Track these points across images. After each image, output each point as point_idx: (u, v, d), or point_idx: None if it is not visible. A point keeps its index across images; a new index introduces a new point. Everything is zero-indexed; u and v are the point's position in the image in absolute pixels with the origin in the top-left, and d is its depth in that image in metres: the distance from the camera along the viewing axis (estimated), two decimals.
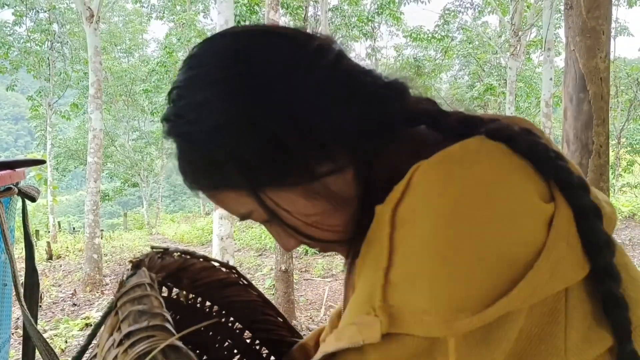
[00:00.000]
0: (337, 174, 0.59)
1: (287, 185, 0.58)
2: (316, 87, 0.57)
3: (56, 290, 8.15)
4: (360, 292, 0.52)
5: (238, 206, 0.62)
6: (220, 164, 0.57)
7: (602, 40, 2.31)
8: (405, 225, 0.50)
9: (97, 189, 8.27)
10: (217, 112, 0.56)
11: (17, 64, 17.58)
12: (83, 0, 8.28)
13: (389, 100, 0.60)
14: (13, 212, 1.53)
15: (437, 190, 0.49)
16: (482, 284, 0.46)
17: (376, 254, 0.51)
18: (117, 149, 21.80)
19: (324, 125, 0.57)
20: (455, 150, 0.51)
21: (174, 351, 0.49)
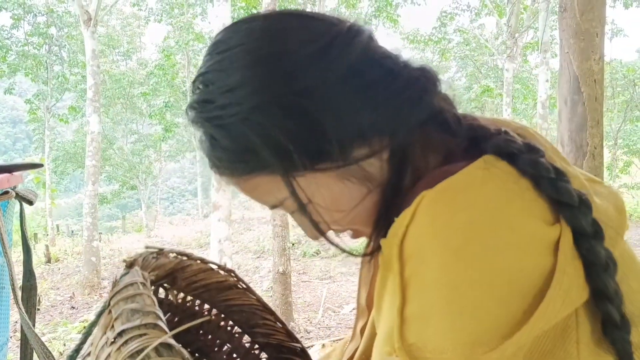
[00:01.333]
0: (373, 157, 0.58)
1: (321, 170, 0.57)
2: (351, 68, 0.56)
3: (54, 293, 8.14)
4: (381, 331, 0.52)
5: (271, 194, 0.60)
6: (255, 147, 0.56)
7: (596, 42, 2.32)
8: (414, 260, 0.49)
9: (95, 192, 8.26)
10: (250, 95, 0.55)
11: (15, 67, 17.51)
12: (81, 4, 8.28)
13: (424, 89, 0.59)
14: (11, 215, 1.53)
15: (442, 223, 0.48)
16: (496, 317, 0.46)
17: (391, 291, 0.50)
18: (116, 151, 21.75)
19: (360, 109, 0.56)
20: (459, 180, 0.51)
21: (166, 349, 0.49)
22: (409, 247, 0.49)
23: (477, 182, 0.51)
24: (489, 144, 0.55)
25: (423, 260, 0.48)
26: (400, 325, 0.48)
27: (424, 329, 0.47)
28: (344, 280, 7.90)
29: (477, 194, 0.50)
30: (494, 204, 0.49)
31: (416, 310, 0.48)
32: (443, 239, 0.47)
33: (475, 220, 0.48)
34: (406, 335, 0.47)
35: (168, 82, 19.56)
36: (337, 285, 7.65)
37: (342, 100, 0.55)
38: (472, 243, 0.47)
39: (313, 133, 0.55)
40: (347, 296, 7.04)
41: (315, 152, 0.56)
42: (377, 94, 0.56)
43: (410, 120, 0.58)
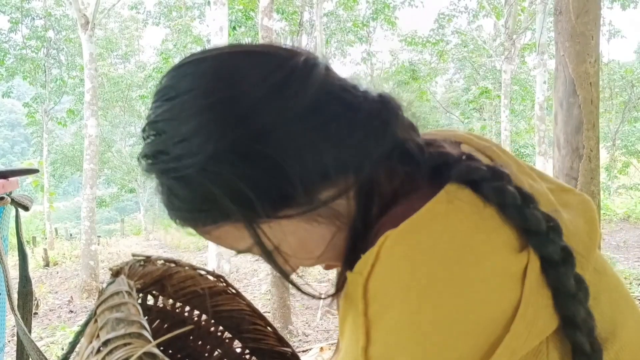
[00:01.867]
0: (340, 197, 0.56)
1: (287, 216, 0.55)
2: (309, 106, 0.53)
3: (53, 297, 8.13)
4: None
5: (237, 242, 0.59)
6: (215, 198, 0.53)
7: (591, 45, 2.32)
8: (378, 301, 0.48)
9: (93, 196, 8.26)
10: (204, 144, 0.52)
11: (13, 70, 17.57)
12: (78, 7, 8.29)
13: (387, 120, 0.57)
14: (7, 221, 1.53)
15: (406, 265, 0.48)
16: (462, 354, 0.46)
17: (355, 328, 0.50)
18: (114, 154, 21.78)
19: (321, 147, 0.53)
20: (421, 218, 0.50)
21: (150, 358, 0.49)
22: (373, 287, 0.49)
23: (439, 218, 0.50)
24: (452, 172, 0.54)
25: (387, 302, 0.48)
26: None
27: None
28: None
29: (440, 232, 0.49)
30: (457, 240, 0.48)
31: (380, 351, 0.47)
32: (406, 281, 0.47)
33: (438, 259, 0.47)
34: None
35: None
36: None
37: (302, 140, 0.53)
38: (435, 283, 0.46)
39: (274, 178, 0.53)
40: None
41: (279, 198, 0.54)
42: (338, 131, 0.54)
43: (375, 154, 0.55)
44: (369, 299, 0.49)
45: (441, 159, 0.57)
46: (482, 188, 0.52)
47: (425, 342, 0.46)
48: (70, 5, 8.42)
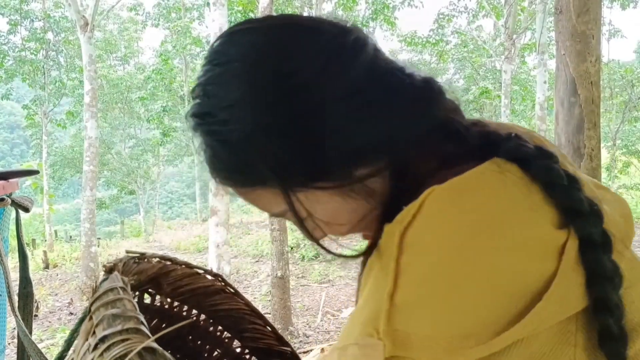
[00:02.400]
0: (376, 175, 0.57)
1: (322, 188, 0.57)
2: (355, 85, 0.55)
3: (53, 299, 8.12)
4: (364, 310, 0.51)
5: (272, 206, 0.61)
6: (254, 164, 0.56)
7: (592, 44, 2.32)
8: (414, 249, 0.49)
9: (93, 197, 8.26)
10: (251, 113, 0.55)
11: (12, 72, 17.55)
12: (77, 9, 8.29)
13: (429, 104, 0.58)
14: (7, 222, 1.53)
15: (448, 218, 0.48)
16: (489, 314, 0.46)
17: (383, 275, 0.50)
18: (114, 156, 21.77)
19: (363, 126, 0.55)
20: (469, 178, 0.51)
21: (150, 353, 0.49)
22: (411, 236, 0.49)
23: (487, 182, 0.51)
24: (501, 148, 0.55)
25: (423, 251, 0.48)
26: (389, 308, 0.48)
27: (414, 317, 0.47)
28: (343, 284, 7.89)
29: (487, 195, 0.50)
30: (502, 204, 0.49)
31: (409, 298, 0.48)
32: (447, 234, 0.48)
33: (481, 218, 0.48)
34: (394, 321, 0.47)
35: (166, 87, 19.61)
36: (336, 289, 7.64)
37: (345, 118, 0.54)
38: (475, 240, 0.47)
39: (314, 152, 0.55)
40: (346, 300, 7.03)
41: (316, 171, 0.56)
42: (381, 112, 0.55)
43: (415, 135, 0.57)
44: (404, 246, 0.49)
45: (488, 137, 0.58)
46: (529, 166, 0.53)
47: (453, 295, 0.46)
48: (69, 6, 8.41)
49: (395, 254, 0.49)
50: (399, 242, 0.50)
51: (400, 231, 0.50)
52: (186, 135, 20.72)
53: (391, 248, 0.50)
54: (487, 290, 0.46)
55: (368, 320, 0.49)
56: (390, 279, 0.49)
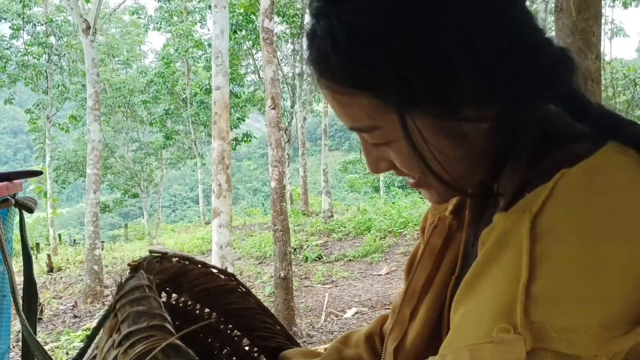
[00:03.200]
0: (477, 122, 0.56)
1: (431, 114, 0.54)
2: (505, 27, 0.54)
3: (57, 302, 8.13)
4: (490, 304, 0.48)
5: (366, 116, 0.57)
6: (379, 68, 0.53)
7: (592, 41, 2.32)
8: (550, 237, 0.47)
9: (96, 200, 8.27)
10: (399, 11, 0.52)
11: (14, 77, 17.60)
12: (79, 13, 8.31)
13: (560, 72, 0.57)
14: (11, 223, 1.54)
15: (584, 204, 0.47)
16: (628, 302, 0.44)
17: (512, 265, 0.48)
18: (117, 160, 21.79)
19: (497, 72, 0.53)
20: (600, 162, 0.49)
21: (174, 350, 0.49)
22: (545, 223, 0.47)
23: (617, 166, 0.49)
24: (626, 132, 0.53)
25: (559, 238, 0.46)
26: (524, 301, 0.45)
27: (554, 308, 0.45)
28: (346, 284, 7.89)
29: (618, 178, 0.48)
30: (634, 190, 0.48)
31: (547, 288, 0.46)
32: (584, 219, 0.46)
33: (615, 204, 0.47)
34: (531, 313, 0.45)
35: (168, 90, 19.64)
36: (339, 289, 7.64)
37: (483, 56, 0.52)
38: (611, 226, 0.46)
39: (445, 76, 0.52)
40: (349, 300, 7.02)
41: (434, 96, 0.53)
42: (518, 63, 0.54)
43: (541, 95, 0.56)
44: (537, 235, 0.47)
45: (613, 119, 0.56)
46: None
47: (593, 283, 0.44)
48: (71, 10, 8.44)
49: (527, 242, 0.47)
50: (530, 230, 0.48)
51: (530, 219, 0.48)
52: (188, 138, 20.75)
53: (520, 237, 0.48)
54: (624, 277, 0.45)
55: (499, 315, 0.47)
56: (523, 268, 0.46)
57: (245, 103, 19.28)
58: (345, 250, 10.16)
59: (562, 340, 0.44)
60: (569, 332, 0.44)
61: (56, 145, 20.89)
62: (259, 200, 39.54)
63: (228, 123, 5.74)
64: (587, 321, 0.44)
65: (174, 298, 0.83)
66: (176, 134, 20.55)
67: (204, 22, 20.97)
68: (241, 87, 19.17)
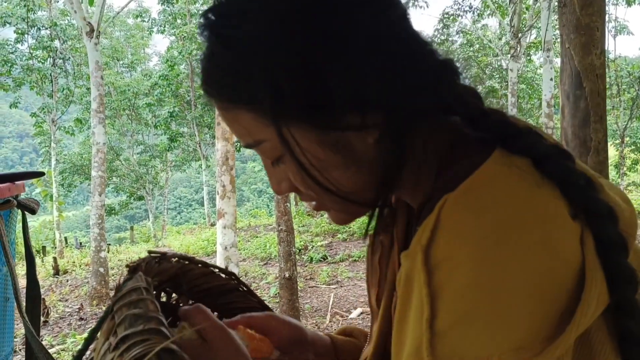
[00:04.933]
0: (361, 132, 0.55)
1: (309, 125, 0.54)
2: (378, 35, 0.53)
3: (63, 305, 8.16)
4: (406, 346, 0.48)
5: (250, 131, 0.57)
6: (252, 78, 0.53)
7: (596, 36, 2.31)
8: (444, 267, 0.46)
9: (101, 203, 8.30)
10: (266, 25, 0.53)
11: (19, 81, 17.70)
12: (83, 16, 8.34)
13: (442, 78, 0.56)
14: (13, 225, 1.54)
15: (471, 226, 0.46)
16: (535, 320, 0.43)
17: (417, 303, 0.47)
18: (122, 162, 21.88)
19: (372, 77, 0.52)
20: (481, 180, 0.49)
21: (169, 354, 0.49)
22: (437, 254, 0.46)
23: (499, 179, 0.49)
24: (517, 142, 0.53)
25: (454, 267, 0.45)
26: (430, 339, 0.44)
27: (461, 340, 0.44)
28: (352, 284, 7.88)
29: (501, 193, 0.47)
30: (519, 201, 0.47)
31: (450, 320, 0.44)
32: (474, 243, 0.45)
33: (504, 219, 0.45)
34: (438, 349, 0.44)
35: (172, 92, 19.70)
36: (345, 289, 7.63)
37: (357, 62, 0.52)
38: (503, 244, 0.44)
39: (316, 83, 0.52)
40: (354, 301, 7.02)
41: (309, 105, 0.53)
42: (394, 68, 0.53)
43: (418, 104, 0.54)
44: (432, 267, 0.46)
45: (506, 128, 0.55)
46: (545, 164, 0.50)
47: (495, 306, 0.43)
48: (74, 13, 8.47)
49: (423, 277, 0.46)
50: (424, 263, 0.46)
51: (422, 251, 0.47)
52: (193, 141, 20.81)
53: (418, 272, 0.47)
54: (525, 294, 0.43)
55: (410, 357, 0.46)
56: (425, 304, 0.45)
57: None
58: (350, 250, 10.15)
59: None
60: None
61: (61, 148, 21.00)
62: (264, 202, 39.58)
63: None
64: (499, 347, 0.42)
65: (174, 298, 0.83)
66: (181, 136, 20.60)
67: None
68: None
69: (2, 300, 1.50)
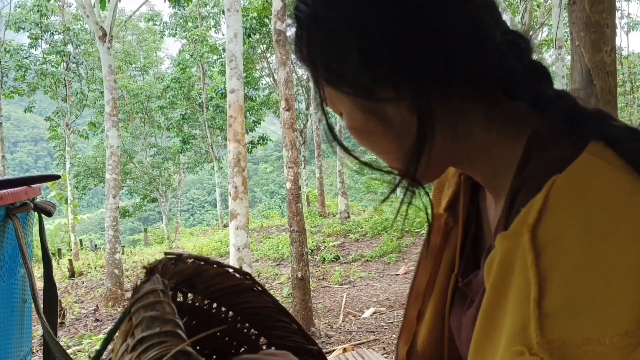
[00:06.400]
0: (393, 103, 0.57)
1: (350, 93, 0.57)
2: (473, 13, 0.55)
3: (79, 306, 8.24)
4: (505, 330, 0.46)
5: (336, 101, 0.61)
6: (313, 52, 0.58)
7: (606, 34, 2.29)
8: (554, 247, 0.45)
9: (116, 205, 8.37)
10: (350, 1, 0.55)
11: (34, 86, 17.91)
12: (95, 20, 8.43)
13: (510, 55, 0.57)
14: (30, 227, 1.56)
15: (582, 209, 0.45)
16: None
17: (520, 284, 0.46)
18: (136, 165, 22.06)
19: (411, 52, 0.54)
20: (587, 166, 0.48)
21: (184, 356, 0.50)
22: (545, 234, 0.46)
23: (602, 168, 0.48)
24: (593, 127, 0.53)
25: (564, 248, 0.45)
26: (538, 318, 0.43)
27: (572, 321, 0.43)
28: (364, 284, 7.88)
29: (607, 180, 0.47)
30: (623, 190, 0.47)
31: (561, 300, 0.43)
32: (584, 225, 0.45)
33: (611, 206, 0.45)
34: (547, 329, 0.43)
35: (184, 95, 19.83)
36: (357, 289, 7.63)
37: (393, 36, 0.54)
38: (613, 228, 0.44)
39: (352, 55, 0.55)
40: (367, 300, 7.02)
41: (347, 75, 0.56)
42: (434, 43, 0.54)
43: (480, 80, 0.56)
44: (540, 247, 0.45)
45: (575, 112, 0.55)
46: (619, 146, 0.50)
47: (610, 286, 0.42)
48: (87, 18, 8.56)
49: (531, 256, 0.45)
50: (531, 243, 0.46)
51: (530, 231, 0.46)
52: (205, 142, 20.91)
53: (523, 253, 0.46)
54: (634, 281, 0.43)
55: (513, 338, 0.45)
56: (533, 285, 0.44)
57: (261, 106, 19.38)
58: (362, 250, 10.15)
59: (587, 354, 0.42)
60: (593, 344, 0.42)
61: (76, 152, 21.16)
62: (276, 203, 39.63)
63: (243, 125, 5.77)
64: (610, 330, 0.42)
65: (190, 298, 0.84)
66: (193, 138, 20.73)
67: (218, 27, 21.12)
68: (256, 90, 19.27)
69: (20, 302, 1.53)
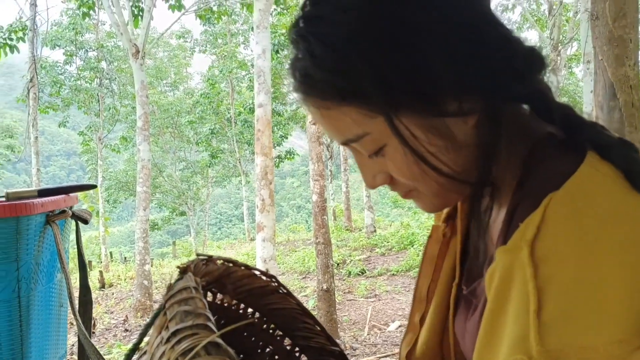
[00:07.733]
0: (460, 117, 0.57)
1: (416, 112, 0.56)
2: (471, 19, 0.56)
3: (109, 317, 8.35)
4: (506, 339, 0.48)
5: (352, 127, 0.59)
6: (357, 73, 0.55)
7: (630, 48, 2.29)
8: (552, 260, 0.48)
9: (146, 217, 8.50)
10: (366, 19, 0.55)
11: (68, 101, 18.36)
12: (129, 38, 8.66)
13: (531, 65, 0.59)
14: (67, 234, 1.63)
15: (576, 224, 0.48)
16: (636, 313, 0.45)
17: (520, 296, 0.48)
18: (165, 179, 22.37)
19: (469, 61, 0.55)
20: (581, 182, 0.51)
21: (214, 347, 0.53)
22: (543, 247, 0.48)
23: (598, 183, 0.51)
24: (584, 135, 0.55)
25: (560, 262, 0.47)
26: (537, 328, 0.46)
27: (569, 330, 0.45)
28: (390, 298, 7.83)
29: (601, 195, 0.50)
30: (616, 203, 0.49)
31: (557, 312, 0.46)
32: (581, 239, 0.47)
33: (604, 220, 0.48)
34: (546, 339, 0.45)
35: (213, 110, 20.08)
36: (383, 303, 7.59)
37: (454, 48, 0.54)
38: (607, 242, 0.47)
39: (421, 71, 0.54)
40: (392, 314, 6.97)
41: (413, 91, 0.55)
42: (488, 54, 0.56)
43: (510, 90, 0.57)
44: (538, 260, 0.48)
45: (574, 122, 0.58)
46: (610, 154, 0.53)
47: (601, 299, 0.45)
48: (121, 35, 8.81)
49: (530, 269, 0.48)
50: (530, 257, 0.48)
51: (528, 245, 0.49)
52: (233, 157, 21.14)
53: (522, 266, 0.48)
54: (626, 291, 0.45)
55: (514, 348, 0.47)
56: (532, 296, 0.47)
57: (288, 121, 19.51)
58: (388, 264, 10.09)
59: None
60: (588, 352, 0.44)
61: (107, 165, 21.61)
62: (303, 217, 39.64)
63: (270, 139, 5.85)
64: (604, 338, 0.44)
65: (219, 298, 0.88)
66: (221, 152, 20.95)
67: (247, 43, 21.42)
68: (284, 105, 19.44)
69: (57, 306, 1.60)
